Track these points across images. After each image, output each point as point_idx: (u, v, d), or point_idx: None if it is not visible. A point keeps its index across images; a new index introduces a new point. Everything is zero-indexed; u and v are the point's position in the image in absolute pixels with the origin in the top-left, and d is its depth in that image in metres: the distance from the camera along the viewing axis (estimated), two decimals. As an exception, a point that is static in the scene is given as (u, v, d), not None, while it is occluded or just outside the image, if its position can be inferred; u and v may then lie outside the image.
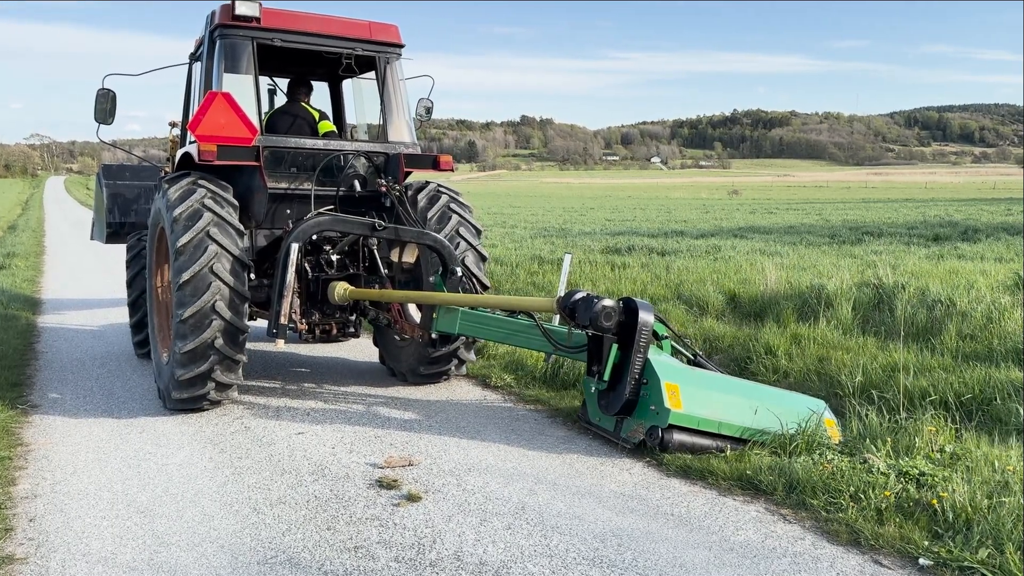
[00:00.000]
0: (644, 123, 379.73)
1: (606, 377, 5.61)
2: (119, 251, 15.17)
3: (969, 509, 4.14)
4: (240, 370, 6.47)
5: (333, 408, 6.76)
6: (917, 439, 5.14)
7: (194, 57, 7.75)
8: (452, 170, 7.58)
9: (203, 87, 7.10)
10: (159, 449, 5.68)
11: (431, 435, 6.02)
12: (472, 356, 7.52)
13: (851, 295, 8.67)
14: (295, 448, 5.72)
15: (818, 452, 5.13)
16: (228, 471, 5.25)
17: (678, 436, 5.34)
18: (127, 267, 8.47)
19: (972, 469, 4.70)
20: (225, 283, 6.14)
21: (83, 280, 15.32)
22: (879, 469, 4.72)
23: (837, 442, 5.40)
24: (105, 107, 7.40)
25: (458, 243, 7.14)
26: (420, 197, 7.31)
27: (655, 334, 5.88)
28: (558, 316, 6.18)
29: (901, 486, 4.50)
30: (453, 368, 7.43)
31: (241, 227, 6.39)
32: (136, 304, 8.26)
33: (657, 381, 5.36)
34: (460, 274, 6.68)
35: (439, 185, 7.47)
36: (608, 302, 5.49)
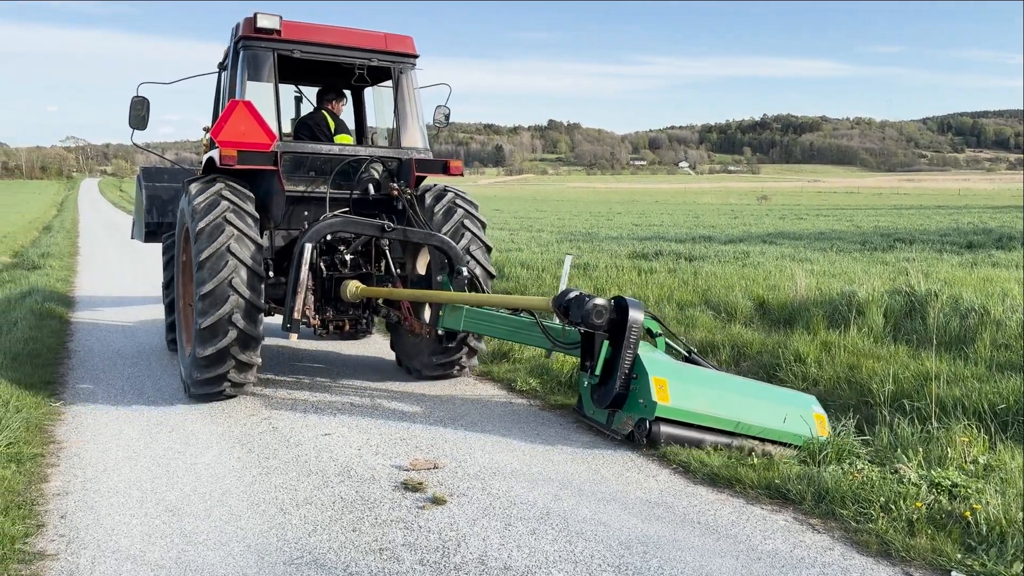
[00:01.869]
0: (672, 128, 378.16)
1: (597, 372, 5.86)
2: (151, 252, 15.39)
3: (1003, 522, 4.06)
4: (255, 364, 6.76)
5: (359, 409, 6.79)
6: (949, 449, 5.05)
7: (222, 66, 8.14)
8: (462, 174, 7.86)
9: (228, 95, 7.47)
10: (188, 448, 5.74)
11: (456, 438, 6.02)
12: (482, 345, 7.81)
13: (882, 302, 8.55)
14: (321, 449, 5.75)
15: (848, 461, 5.06)
16: (255, 471, 5.29)
17: (665, 428, 5.54)
18: (164, 268, 8.81)
19: (1006, 481, 4.62)
20: (241, 295, 6.50)
21: (115, 280, 15.55)
22: (910, 479, 4.65)
23: (826, 437, 5.51)
24: (139, 114, 7.75)
25: (463, 234, 7.48)
26: (427, 196, 7.70)
27: (649, 332, 6.23)
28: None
29: (933, 497, 4.43)
30: (464, 358, 7.64)
31: (260, 241, 6.73)
32: (172, 306, 8.49)
33: (646, 376, 5.57)
34: (466, 274, 6.97)
35: (447, 186, 7.87)
36: (599, 301, 5.71)
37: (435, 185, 7.87)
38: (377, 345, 9.45)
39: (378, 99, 8.74)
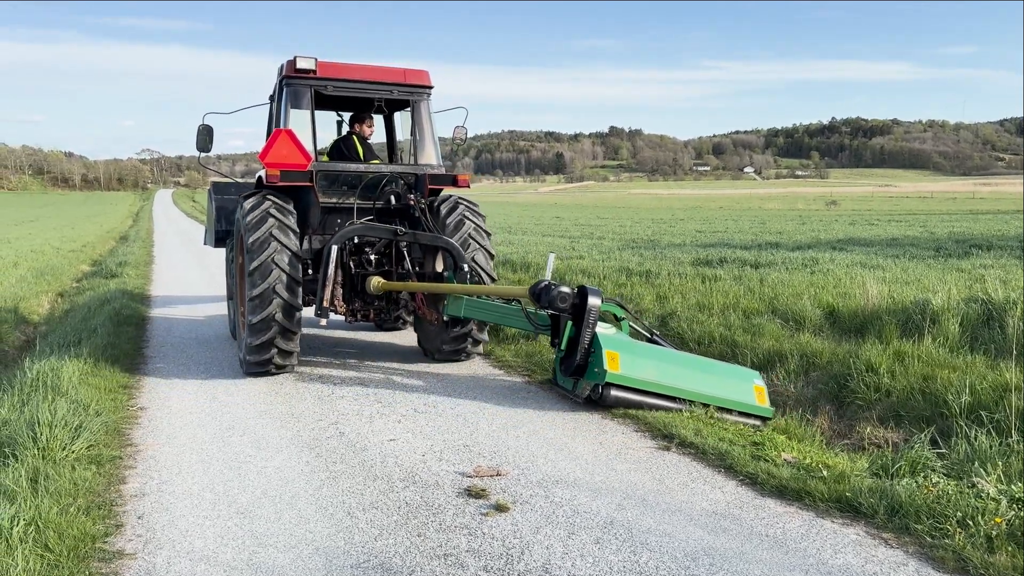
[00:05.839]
0: (737, 132, 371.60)
1: (563, 347, 7.16)
2: (218, 258, 15.84)
3: (1090, 540, 3.89)
4: (294, 351, 8.07)
5: (423, 415, 6.86)
6: (1031, 464, 4.86)
7: (271, 98, 9.56)
8: (468, 186, 9.21)
9: (275, 123, 8.92)
10: (259, 452, 5.88)
11: (518, 445, 6.04)
12: (484, 336, 9.10)
13: (958, 311, 8.27)
14: (387, 454, 5.83)
15: (922, 474, 4.92)
16: (323, 475, 5.39)
17: (615, 392, 6.69)
18: (227, 268, 10.46)
19: (1093, 498, 4.42)
20: (282, 298, 7.77)
21: (188, 288, 16.04)
22: (989, 494, 4.49)
23: (766, 406, 6.68)
24: (206, 139, 9.13)
25: (470, 244, 8.69)
26: (442, 207, 8.92)
27: (615, 316, 7.59)
28: None
29: (1013, 512, 4.27)
30: (470, 346, 8.93)
31: (299, 251, 8.00)
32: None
33: (600, 349, 6.74)
34: (467, 270, 8.23)
35: (459, 198, 9.03)
36: (564, 289, 6.91)
37: (450, 197, 9.06)
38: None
39: (405, 121, 9.89)
